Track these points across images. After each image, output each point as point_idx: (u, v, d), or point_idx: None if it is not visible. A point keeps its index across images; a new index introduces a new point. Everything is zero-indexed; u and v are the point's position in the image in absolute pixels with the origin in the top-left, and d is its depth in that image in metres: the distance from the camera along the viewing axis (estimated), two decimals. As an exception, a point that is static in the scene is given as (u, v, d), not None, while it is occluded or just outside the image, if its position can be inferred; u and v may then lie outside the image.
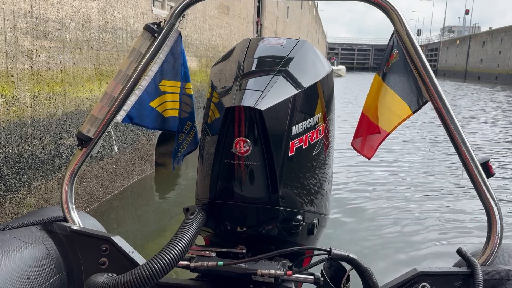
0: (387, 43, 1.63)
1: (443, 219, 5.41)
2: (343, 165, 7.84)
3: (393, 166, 8.24)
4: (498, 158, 9.03)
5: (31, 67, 4.01)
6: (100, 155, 5.31)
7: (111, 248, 1.60)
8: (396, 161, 8.59)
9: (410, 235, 4.82)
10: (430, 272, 1.44)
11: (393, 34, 1.58)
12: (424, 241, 4.69)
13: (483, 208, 1.50)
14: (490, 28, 60.54)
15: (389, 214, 5.54)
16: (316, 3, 55.49)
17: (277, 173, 1.33)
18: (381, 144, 1.69)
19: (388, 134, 1.64)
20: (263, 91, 1.30)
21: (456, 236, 4.89)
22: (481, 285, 1.33)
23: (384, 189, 6.67)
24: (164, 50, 1.76)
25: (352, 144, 1.72)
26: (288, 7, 26.98)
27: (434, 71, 1.77)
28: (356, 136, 1.71)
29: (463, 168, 1.51)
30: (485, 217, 1.50)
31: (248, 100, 1.27)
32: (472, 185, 1.50)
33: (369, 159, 1.71)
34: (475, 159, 1.49)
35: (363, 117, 1.69)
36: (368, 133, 1.68)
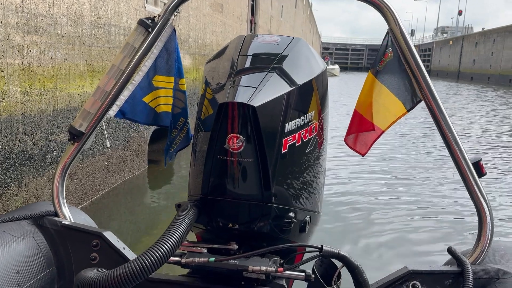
0: (381, 42, 1.64)
1: (434, 218, 5.45)
2: (336, 163, 7.87)
3: (385, 164, 8.28)
4: (484, 158, 9.10)
5: (22, 62, 3.98)
6: (92, 152, 5.28)
7: (102, 244, 1.59)
8: (388, 160, 8.64)
9: (402, 234, 4.86)
10: (421, 271, 1.44)
11: (387, 33, 1.59)
12: (415, 240, 4.72)
13: (474, 207, 1.51)
14: (482, 29, 60.99)
15: (381, 212, 5.57)
16: (310, 2, 55.57)
17: (269, 170, 1.33)
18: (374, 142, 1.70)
19: (383, 131, 1.65)
20: (256, 88, 1.30)
21: (447, 235, 4.93)
22: (470, 283, 1.33)
23: (376, 188, 6.71)
24: (158, 45, 1.75)
25: (345, 140, 1.73)
26: (282, 6, 26.99)
27: (427, 72, 1.78)
28: (349, 132, 1.72)
29: (454, 167, 1.52)
30: (476, 216, 1.50)
31: (242, 96, 1.27)
32: (463, 185, 1.51)
33: (363, 155, 1.72)
34: (467, 158, 1.49)
35: (356, 114, 1.70)
36: (362, 130, 1.69)
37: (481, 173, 1.51)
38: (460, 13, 78.08)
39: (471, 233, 4.85)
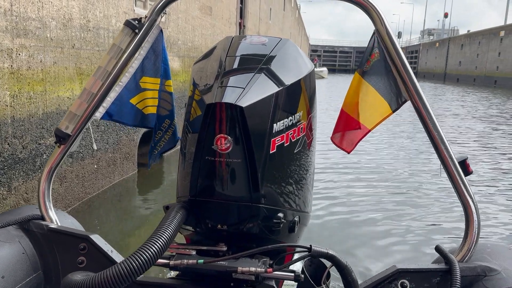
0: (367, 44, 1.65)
1: (422, 217, 5.50)
2: (325, 163, 7.92)
3: (373, 164, 8.35)
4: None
5: (11, 65, 3.97)
6: (82, 155, 5.27)
7: (89, 247, 1.57)
8: (375, 160, 8.72)
9: (390, 233, 4.89)
10: (409, 269, 1.45)
11: (373, 33, 1.59)
12: (404, 239, 4.75)
13: (461, 205, 1.52)
14: (468, 31, 61.74)
15: (369, 211, 5.62)
16: (298, 5, 55.78)
17: (258, 170, 1.33)
18: (361, 142, 1.71)
19: (369, 131, 1.66)
20: (244, 88, 1.30)
21: (435, 233, 4.98)
22: (458, 281, 1.34)
23: (364, 187, 6.77)
24: (145, 47, 1.73)
25: (331, 139, 1.74)
26: (271, 9, 27.06)
27: (414, 73, 1.79)
28: (335, 131, 1.73)
29: (441, 166, 1.53)
30: (463, 215, 1.52)
31: (229, 96, 1.27)
32: (450, 183, 1.52)
33: (348, 152, 1.74)
34: (453, 157, 1.50)
35: (342, 113, 1.71)
36: (348, 128, 1.70)
37: (467, 171, 1.52)
38: (446, 15, 79.00)
39: (459, 231, 4.90)
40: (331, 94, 26.72)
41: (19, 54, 4.06)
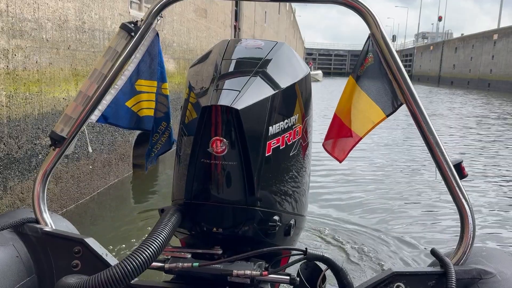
0: (362, 47, 1.63)
1: (417, 220, 5.50)
2: (320, 166, 7.95)
3: (368, 167, 8.38)
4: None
5: (7, 66, 3.99)
6: (77, 155, 5.28)
7: (84, 250, 1.55)
8: (370, 163, 8.75)
9: (385, 236, 4.88)
10: (405, 272, 1.45)
11: (368, 37, 1.59)
12: (399, 242, 4.74)
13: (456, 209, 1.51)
14: (462, 34, 62.08)
15: (365, 215, 5.62)
16: (293, 9, 55.93)
17: (253, 173, 1.32)
18: (356, 146, 1.69)
19: (361, 138, 1.65)
20: (240, 91, 1.30)
21: (430, 236, 4.97)
22: (453, 284, 1.34)
23: (359, 191, 6.76)
24: (140, 50, 1.73)
25: (323, 145, 1.73)
26: (266, 12, 27.14)
27: (409, 76, 1.79)
28: (327, 137, 1.72)
29: (437, 169, 1.52)
30: (458, 218, 1.51)
31: (225, 99, 1.27)
32: (445, 186, 1.51)
33: (340, 161, 1.72)
34: (449, 160, 1.50)
35: (335, 118, 1.70)
36: (340, 135, 1.68)
37: (462, 175, 1.51)
38: (440, 18, 79.37)
39: (454, 234, 4.89)
40: (324, 98, 26.76)
41: (15, 55, 4.09)
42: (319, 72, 64.05)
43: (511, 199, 6.64)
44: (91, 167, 5.66)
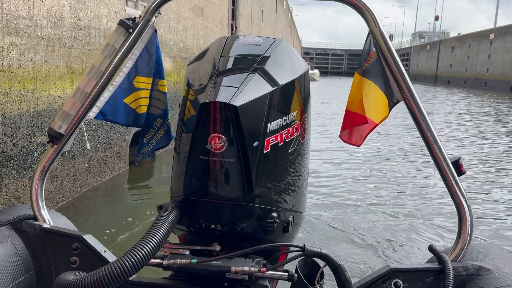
0: (363, 44, 1.64)
1: (415, 217, 5.51)
2: (319, 163, 7.96)
3: (366, 164, 8.40)
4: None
5: (2, 63, 3.98)
6: (73, 153, 5.27)
7: (82, 247, 1.56)
8: (369, 160, 8.77)
9: (383, 232, 4.89)
10: (403, 269, 1.46)
11: (368, 34, 1.59)
12: (397, 238, 4.75)
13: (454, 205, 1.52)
14: (458, 33, 62.25)
15: (363, 211, 5.63)
16: (291, 8, 55.93)
17: (252, 169, 1.32)
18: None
19: (377, 124, 1.66)
20: (238, 88, 1.30)
21: (428, 233, 4.98)
22: (451, 280, 1.35)
23: (358, 188, 6.78)
24: (139, 46, 1.72)
25: (340, 137, 1.73)
26: (263, 11, 27.13)
27: None
28: (343, 128, 1.73)
29: (434, 166, 1.53)
30: (456, 215, 1.52)
31: (223, 96, 1.27)
32: (443, 183, 1.52)
33: (358, 146, 1.73)
34: (447, 157, 1.51)
35: (347, 112, 1.71)
36: (355, 124, 1.69)
37: (460, 171, 1.52)
38: (437, 18, 79.62)
39: (452, 231, 4.90)
40: (322, 98, 26.79)
41: (10, 52, 4.07)
42: (316, 71, 64.16)
43: (509, 195, 6.67)
44: (87, 165, 5.64)
